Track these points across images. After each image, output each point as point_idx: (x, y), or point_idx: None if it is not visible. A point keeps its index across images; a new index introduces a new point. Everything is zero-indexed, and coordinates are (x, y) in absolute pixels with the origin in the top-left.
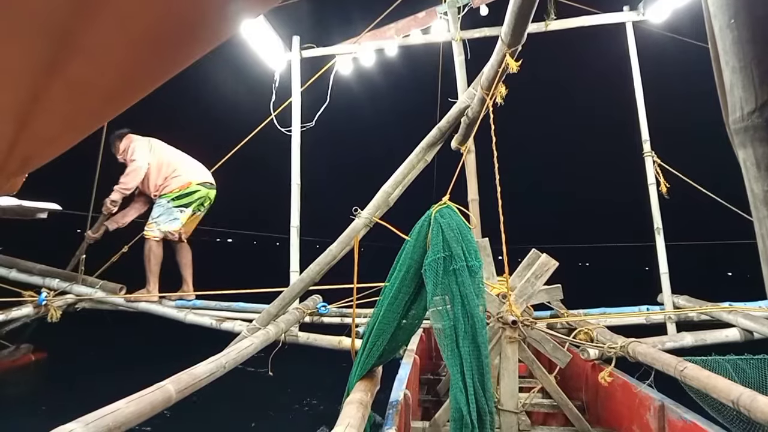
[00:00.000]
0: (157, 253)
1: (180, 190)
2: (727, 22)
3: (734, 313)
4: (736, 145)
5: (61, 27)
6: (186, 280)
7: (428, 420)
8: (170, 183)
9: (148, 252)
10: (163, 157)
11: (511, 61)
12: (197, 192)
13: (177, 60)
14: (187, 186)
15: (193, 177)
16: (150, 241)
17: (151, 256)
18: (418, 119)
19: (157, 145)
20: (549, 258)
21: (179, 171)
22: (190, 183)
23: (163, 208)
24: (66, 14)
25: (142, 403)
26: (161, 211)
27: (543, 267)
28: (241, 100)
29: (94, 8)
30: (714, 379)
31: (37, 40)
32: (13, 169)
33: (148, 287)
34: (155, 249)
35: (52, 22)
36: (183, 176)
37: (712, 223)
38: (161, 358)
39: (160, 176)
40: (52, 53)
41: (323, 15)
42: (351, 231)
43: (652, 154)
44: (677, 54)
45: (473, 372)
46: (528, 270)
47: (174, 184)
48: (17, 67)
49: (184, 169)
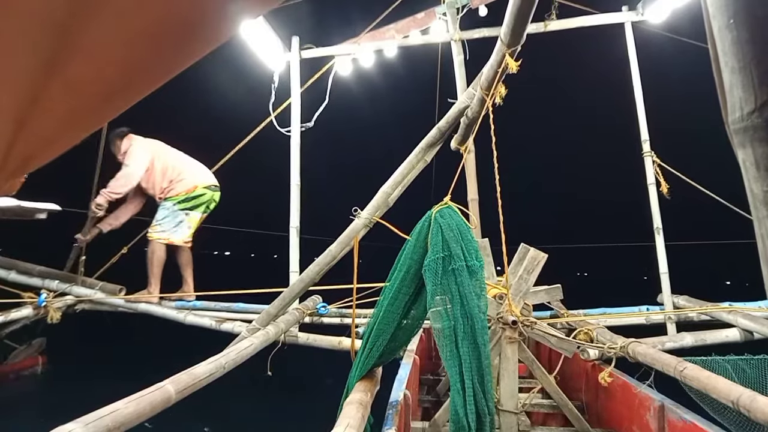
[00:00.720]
0: (160, 256)
1: (186, 194)
2: (726, 22)
3: (734, 313)
4: (736, 145)
5: (60, 25)
6: (186, 280)
7: (428, 420)
8: (175, 186)
9: (151, 254)
10: (168, 160)
11: (511, 62)
12: (203, 195)
13: (177, 60)
14: (193, 189)
15: (199, 180)
16: (154, 243)
17: (154, 258)
18: (418, 120)
19: (160, 147)
20: (537, 251)
21: (184, 174)
22: (196, 186)
23: (168, 211)
24: (64, 12)
25: (141, 403)
26: (166, 214)
27: (533, 261)
28: (240, 101)
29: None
30: (714, 379)
31: (35, 38)
32: (12, 170)
33: (149, 288)
34: (158, 252)
35: (51, 19)
36: (188, 180)
37: (712, 223)
38: (159, 359)
39: (165, 179)
40: (51, 51)
41: (323, 15)
42: (351, 231)
43: (651, 154)
44: (676, 54)
45: (472, 373)
46: (520, 266)
47: (179, 188)
48: (14, 66)
49: (190, 173)
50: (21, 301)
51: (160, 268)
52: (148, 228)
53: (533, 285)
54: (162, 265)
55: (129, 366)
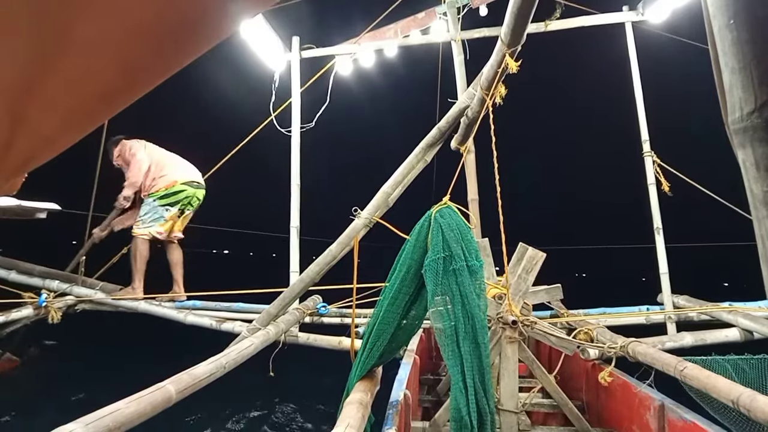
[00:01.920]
0: (143, 251)
1: (166, 189)
2: (726, 22)
3: (734, 313)
4: (736, 145)
5: (52, 18)
6: (177, 280)
7: (428, 420)
8: (157, 183)
9: (134, 250)
10: (154, 158)
11: (511, 62)
12: (183, 191)
13: (176, 58)
14: (173, 185)
15: (179, 176)
16: (137, 239)
17: (137, 253)
18: (418, 119)
19: (150, 147)
20: (535, 251)
21: (165, 170)
22: (175, 182)
23: (149, 207)
24: (58, 4)
25: (142, 403)
26: (147, 210)
27: (532, 261)
28: (240, 101)
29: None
30: (714, 379)
31: (27, 30)
32: (12, 169)
33: (132, 285)
34: (141, 247)
35: (42, 11)
36: (168, 176)
37: (712, 223)
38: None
39: (149, 177)
40: (45, 45)
41: (323, 15)
42: (351, 231)
43: (651, 154)
44: (676, 54)
45: (474, 372)
46: (518, 266)
47: (160, 184)
48: (8, 61)
49: (171, 169)
50: (21, 302)
51: (144, 265)
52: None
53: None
54: (146, 261)
55: (128, 365)
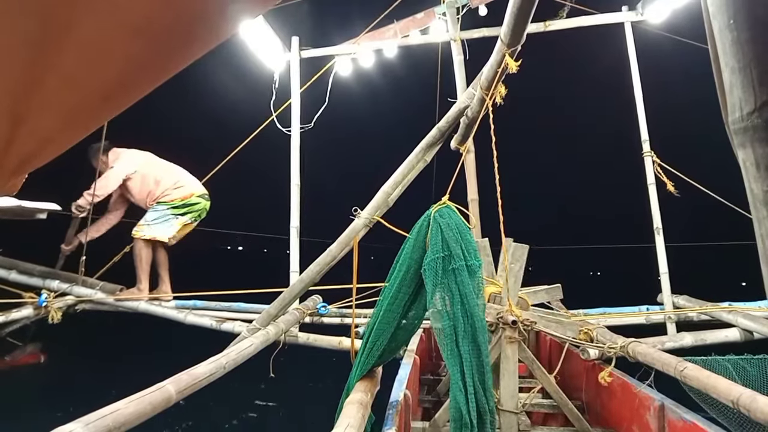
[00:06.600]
0: (147, 253)
1: (182, 200)
2: (726, 22)
3: (734, 313)
4: (736, 145)
5: (55, 19)
6: (163, 279)
7: (428, 420)
8: (172, 193)
9: (138, 252)
10: (161, 171)
11: (511, 61)
12: (198, 204)
13: (176, 58)
14: (190, 197)
15: (195, 189)
16: (139, 241)
17: (142, 255)
18: (418, 119)
19: (151, 159)
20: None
21: (182, 182)
22: (192, 194)
23: (159, 213)
24: (59, 4)
25: (142, 403)
26: (156, 216)
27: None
28: (240, 101)
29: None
30: (714, 379)
31: (27, 29)
32: (12, 169)
33: (139, 286)
34: (144, 249)
35: (44, 12)
36: (186, 188)
37: (712, 223)
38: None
39: (159, 188)
40: (44, 44)
41: (322, 16)
42: (350, 231)
43: (651, 154)
44: (676, 54)
45: (473, 372)
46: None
47: (176, 194)
48: (8, 61)
49: (187, 181)
50: (22, 301)
51: (148, 265)
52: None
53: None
54: (149, 262)
55: (128, 366)
